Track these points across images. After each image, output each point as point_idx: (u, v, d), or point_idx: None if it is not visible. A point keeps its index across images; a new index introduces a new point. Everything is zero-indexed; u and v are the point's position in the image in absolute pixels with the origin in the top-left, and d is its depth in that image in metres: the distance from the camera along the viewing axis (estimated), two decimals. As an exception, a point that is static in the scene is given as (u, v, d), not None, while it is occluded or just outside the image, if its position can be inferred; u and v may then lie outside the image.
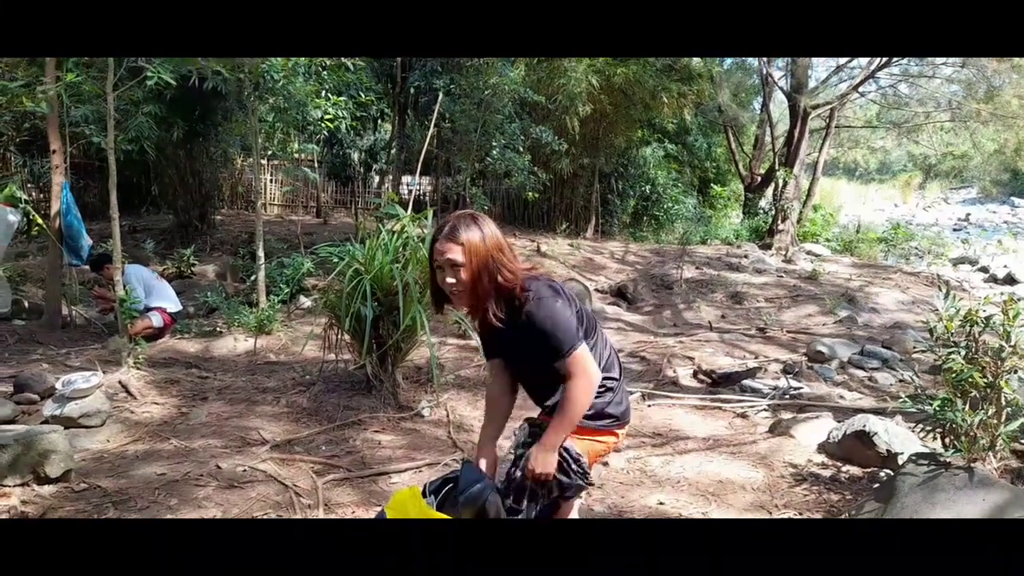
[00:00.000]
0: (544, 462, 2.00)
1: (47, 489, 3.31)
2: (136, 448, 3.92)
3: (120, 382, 4.76)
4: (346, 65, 7.20)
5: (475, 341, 5.85)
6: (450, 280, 1.98)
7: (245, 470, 3.64)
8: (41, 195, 10.46)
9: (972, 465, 3.17)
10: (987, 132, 16.04)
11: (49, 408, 4.06)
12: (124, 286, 5.45)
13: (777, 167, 15.27)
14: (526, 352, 2.09)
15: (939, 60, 14.81)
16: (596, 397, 2.08)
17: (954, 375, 3.28)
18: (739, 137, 18.17)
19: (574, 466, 2.03)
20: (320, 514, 3.29)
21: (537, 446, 2.02)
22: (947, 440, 3.44)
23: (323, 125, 7.43)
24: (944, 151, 20.51)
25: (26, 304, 7.16)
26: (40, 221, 6.61)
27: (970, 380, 3.22)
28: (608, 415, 2.16)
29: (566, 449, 2.03)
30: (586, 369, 1.99)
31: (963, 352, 3.34)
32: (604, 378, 2.11)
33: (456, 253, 1.95)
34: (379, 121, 14.93)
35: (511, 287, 1.99)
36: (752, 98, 18.97)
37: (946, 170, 27.99)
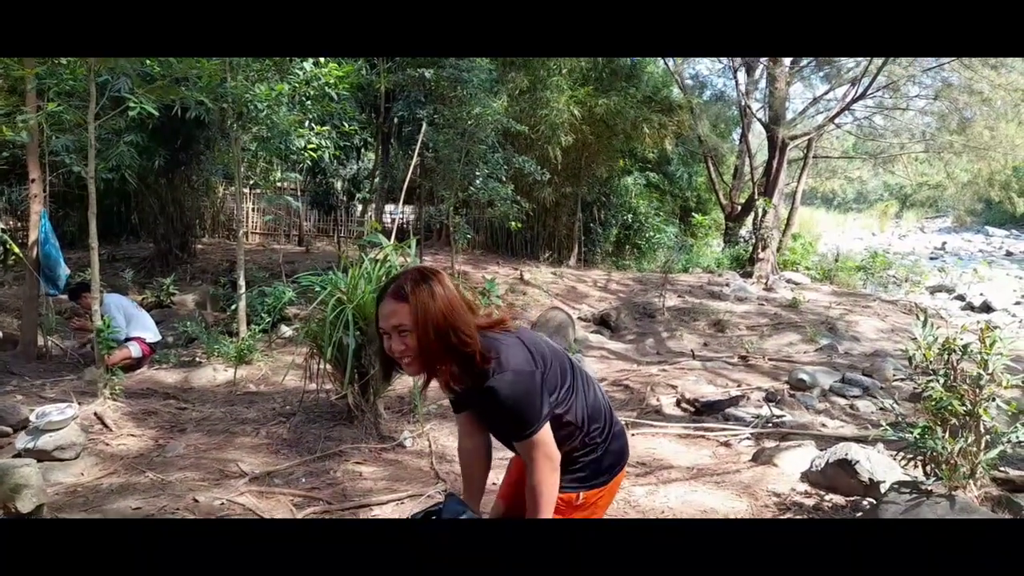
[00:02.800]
0: None
1: (18, 525, 3.23)
2: (111, 481, 3.84)
3: (96, 414, 4.68)
4: (330, 95, 7.24)
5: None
6: (397, 347, 1.77)
7: (223, 503, 3.57)
8: (19, 223, 10.36)
9: (953, 493, 3.19)
10: (960, 163, 16.39)
11: (22, 441, 3.97)
12: (103, 315, 5.39)
13: (757, 196, 15.47)
14: (490, 421, 1.98)
15: (912, 93, 15.19)
16: (583, 455, 1.96)
17: (933, 403, 3.31)
18: (719, 167, 18.43)
19: None
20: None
21: None
22: (928, 468, 3.45)
23: (306, 154, 7.45)
24: (919, 181, 20.90)
25: (0, 334, 7.04)
26: (16, 250, 6.53)
27: (949, 408, 3.25)
28: (594, 473, 1.99)
29: None
30: (545, 454, 1.82)
31: (942, 380, 3.38)
32: (586, 435, 1.95)
33: (403, 316, 1.74)
34: (362, 150, 14.99)
35: (469, 352, 1.77)
36: (732, 129, 19.27)
37: (921, 200, 28.50)
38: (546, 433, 1.82)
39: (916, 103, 15.60)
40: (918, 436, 3.35)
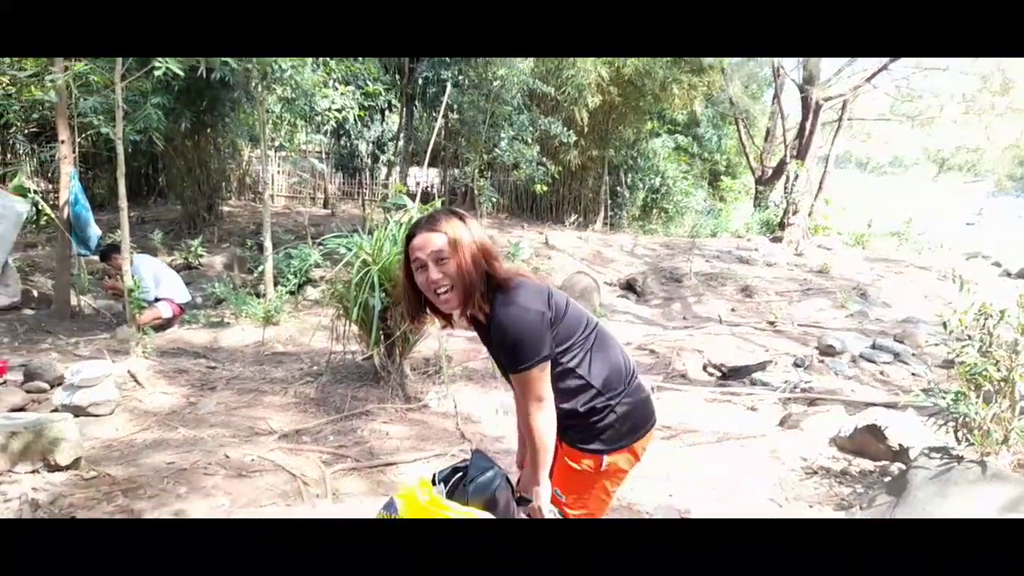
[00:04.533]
0: (536, 495, 1.88)
1: (57, 476, 3.32)
2: (145, 437, 3.93)
3: (129, 371, 4.77)
4: (354, 55, 7.17)
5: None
6: (435, 276, 1.81)
7: (253, 459, 3.64)
8: (49, 185, 10.49)
9: (985, 459, 3.14)
10: (1002, 125, 15.85)
11: (59, 396, 4.07)
12: (133, 276, 5.46)
13: (788, 159, 15.15)
14: (493, 349, 1.94)
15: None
16: (602, 417, 1.93)
17: (968, 368, 3.24)
18: (750, 130, 18.04)
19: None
20: (328, 503, 3.28)
21: (528, 482, 1.91)
22: (960, 434, 3.40)
23: (331, 115, 7.41)
24: (958, 144, 20.29)
25: (35, 294, 7.18)
26: (48, 211, 6.63)
27: (984, 374, 3.18)
28: (617, 435, 1.96)
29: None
30: (536, 393, 1.81)
31: (977, 346, 3.30)
32: (605, 396, 1.93)
33: (440, 243, 1.80)
34: (386, 112, 14.89)
35: (500, 279, 1.84)
36: (763, 90, 18.82)
37: (959, 163, 27.71)
38: (541, 372, 1.82)
39: (957, 63, 15.07)
40: (951, 402, 3.29)
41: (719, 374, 5.90)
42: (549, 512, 1.87)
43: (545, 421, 1.84)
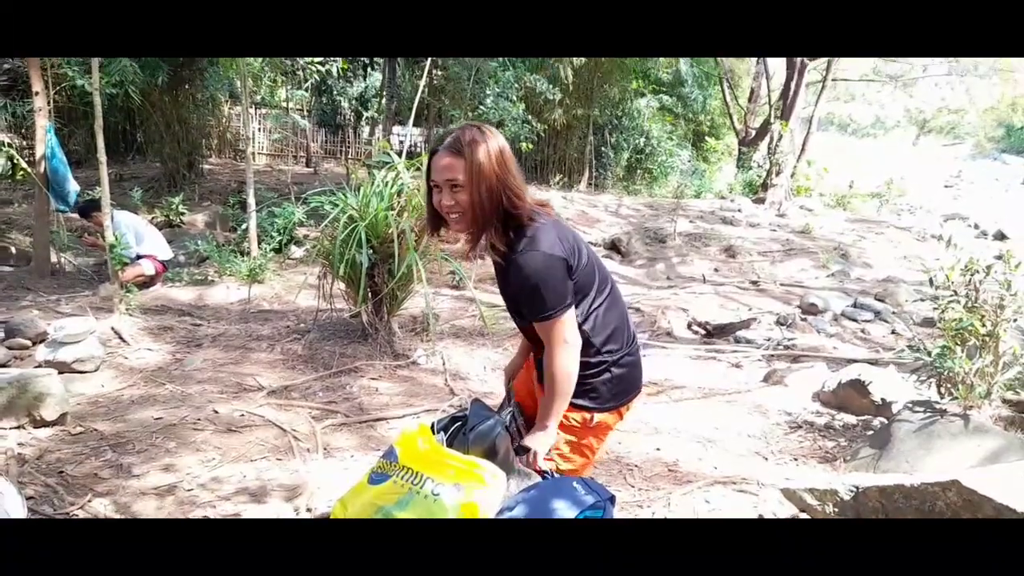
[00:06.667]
0: (541, 443, 1.82)
1: (43, 432, 3.29)
2: (131, 393, 3.90)
3: (113, 328, 4.72)
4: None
5: (470, 292, 5.83)
6: (447, 202, 1.74)
7: (243, 415, 3.63)
8: (24, 141, 10.22)
9: (968, 413, 3.21)
10: (984, 86, 15.91)
11: (42, 353, 4.02)
12: (114, 232, 5.36)
13: (772, 120, 15.11)
14: (510, 292, 1.87)
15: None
16: (596, 374, 1.87)
17: (954, 323, 3.29)
18: (734, 90, 17.94)
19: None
20: (320, 457, 3.29)
21: (535, 429, 1.85)
22: (943, 388, 3.47)
23: (313, 69, 7.25)
24: (939, 106, 20.37)
25: (13, 251, 7.05)
26: (24, 165, 6.46)
27: (969, 328, 3.23)
28: (609, 394, 1.90)
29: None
30: (564, 337, 1.75)
31: (963, 301, 3.35)
32: (603, 351, 1.87)
33: (457, 171, 1.70)
34: (369, 68, 14.61)
35: (517, 214, 1.75)
36: (749, 49, 18.66)
37: (940, 126, 27.84)
38: (568, 317, 1.76)
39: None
40: (937, 356, 3.35)
41: (703, 332, 5.95)
42: (544, 462, 1.86)
43: (569, 365, 1.77)
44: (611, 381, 1.90)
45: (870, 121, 34.75)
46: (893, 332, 5.93)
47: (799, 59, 14.01)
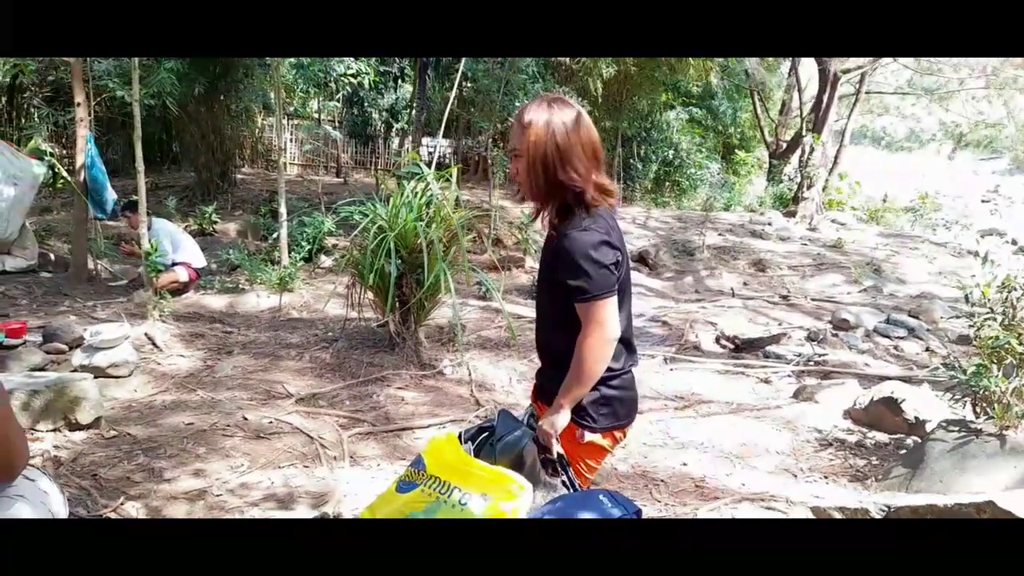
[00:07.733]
0: (552, 423, 1.74)
1: (78, 435, 3.37)
2: (164, 398, 3.97)
3: (146, 334, 4.81)
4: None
5: (498, 303, 5.84)
6: (512, 167, 1.78)
7: (271, 422, 3.68)
8: (64, 150, 10.50)
9: (1004, 433, 3.13)
10: (1022, 100, 15.59)
11: (78, 357, 4.11)
12: (151, 240, 5.48)
13: (804, 132, 14.96)
14: (550, 273, 1.79)
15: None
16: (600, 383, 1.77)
17: (990, 341, 3.22)
18: (765, 102, 17.79)
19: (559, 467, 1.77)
20: (346, 466, 3.31)
21: (549, 412, 1.77)
22: (979, 408, 3.39)
23: (346, 80, 7.35)
24: (976, 119, 19.97)
25: (52, 257, 7.22)
26: (64, 174, 6.63)
27: (1006, 347, 3.16)
28: (590, 413, 1.80)
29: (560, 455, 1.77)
30: (597, 318, 1.68)
31: (999, 319, 3.28)
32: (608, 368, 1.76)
33: (516, 140, 1.73)
34: (400, 80, 14.76)
35: (577, 190, 1.71)
36: (780, 62, 18.52)
37: (977, 139, 27.28)
38: (611, 304, 1.71)
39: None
40: (973, 375, 3.28)
41: (732, 347, 5.89)
42: (557, 446, 1.76)
43: (599, 349, 1.70)
44: (599, 401, 1.80)
45: (904, 134, 34.24)
46: (927, 349, 5.81)
47: (832, 71, 13.87)
